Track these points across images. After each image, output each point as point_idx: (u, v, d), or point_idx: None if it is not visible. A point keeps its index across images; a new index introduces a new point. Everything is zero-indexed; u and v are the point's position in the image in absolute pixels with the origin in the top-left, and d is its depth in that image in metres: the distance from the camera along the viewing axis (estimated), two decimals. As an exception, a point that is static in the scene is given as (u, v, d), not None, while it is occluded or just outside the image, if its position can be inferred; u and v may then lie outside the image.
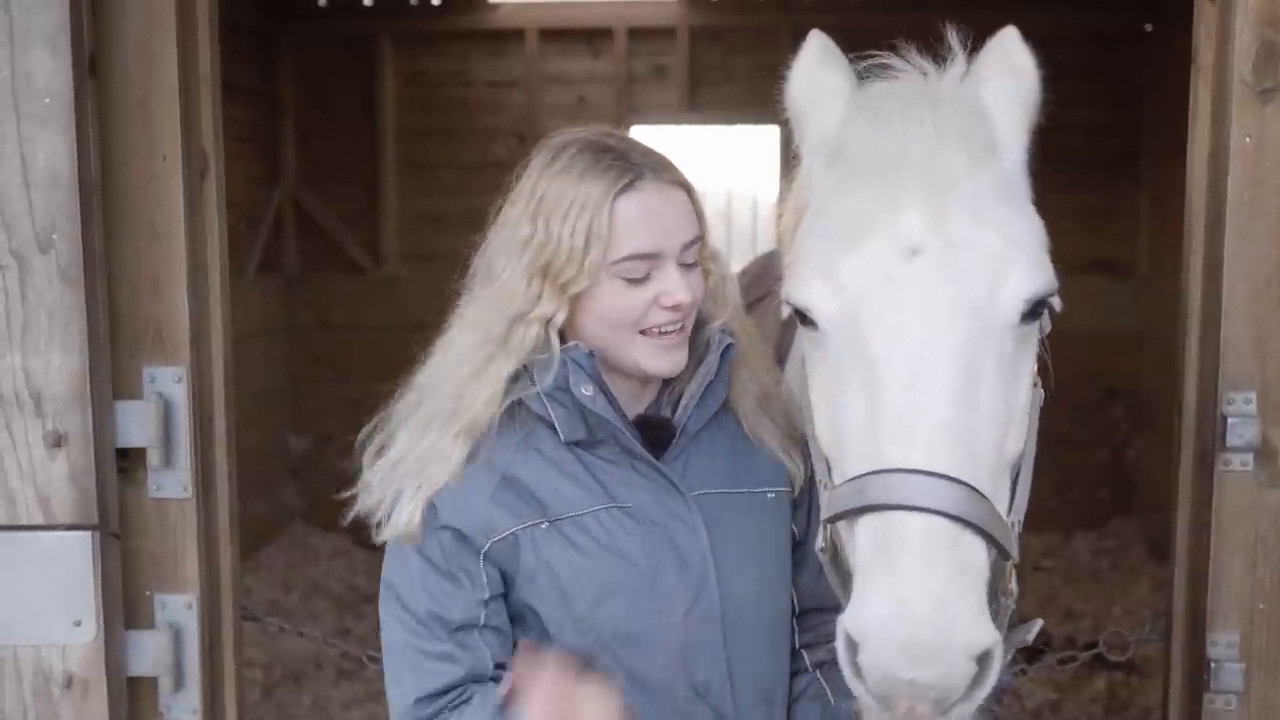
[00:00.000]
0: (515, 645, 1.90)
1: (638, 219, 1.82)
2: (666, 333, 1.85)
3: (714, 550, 1.87)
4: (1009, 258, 1.60)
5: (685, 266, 1.86)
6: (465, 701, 1.84)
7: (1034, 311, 1.63)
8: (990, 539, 1.50)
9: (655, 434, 1.91)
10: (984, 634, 1.43)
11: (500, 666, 1.86)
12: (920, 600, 1.41)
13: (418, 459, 1.86)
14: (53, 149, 2.16)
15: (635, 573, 1.84)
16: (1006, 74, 1.76)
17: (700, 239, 1.90)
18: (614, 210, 1.81)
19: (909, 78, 1.77)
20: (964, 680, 1.43)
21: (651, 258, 1.83)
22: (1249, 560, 2.28)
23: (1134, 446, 8.05)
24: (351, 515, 1.93)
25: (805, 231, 1.76)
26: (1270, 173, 2.22)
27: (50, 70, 2.15)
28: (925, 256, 1.58)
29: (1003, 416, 1.59)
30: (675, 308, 1.83)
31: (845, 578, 1.67)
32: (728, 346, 1.91)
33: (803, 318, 1.70)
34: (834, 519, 1.60)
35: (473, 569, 1.85)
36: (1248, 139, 2.21)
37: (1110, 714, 5.72)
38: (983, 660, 1.44)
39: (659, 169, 1.88)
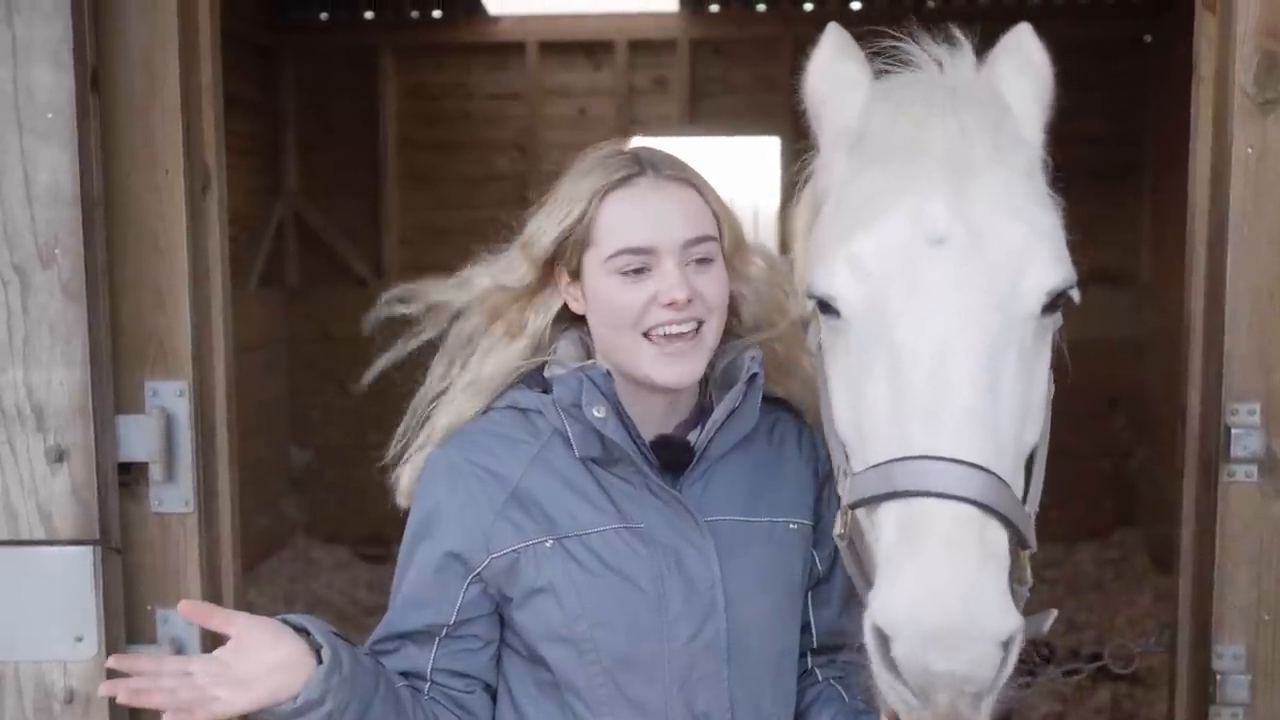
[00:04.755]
0: (500, 661, 1.91)
1: (629, 214, 1.83)
2: (672, 336, 1.81)
3: (725, 578, 1.84)
4: (1032, 249, 1.61)
5: (696, 265, 1.83)
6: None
7: (1054, 304, 1.63)
8: (1012, 527, 1.50)
9: (674, 455, 1.88)
10: (1010, 620, 1.43)
11: (469, 677, 1.88)
12: (949, 587, 1.40)
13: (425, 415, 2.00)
14: (55, 163, 2.16)
15: (639, 595, 1.81)
16: (1022, 69, 1.77)
17: (711, 239, 1.86)
18: (604, 205, 1.84)
19: (928, 70, 1.78)
20: (994, 668, 1.42)
21: (645, 253, 1.81)
22: (1254, 572, 2.27)
23: (1137, 456, 8.03)
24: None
25: (826, 218, 1.75)
26: (1272, 184, 2.22)
27: (53, 84, 2.15)
28: (950, 244, 1.58)
29: (1022, 407, 1.59)
30: (672, 305, 1.80)
31: (861, 566, 1.66)
32: (753, 376, 1.87)
33: (824, 306, 1.69)
34: (856, 505, 1.58)
35: (451, 596, 1.86)
36: (1249, 150, 2.21)
37: (1114, 726, 5.71)
38: (1006, 645, 1.43)
39: (663, 167, 1.87)
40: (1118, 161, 7.90)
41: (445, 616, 1.86)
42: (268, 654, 1.67)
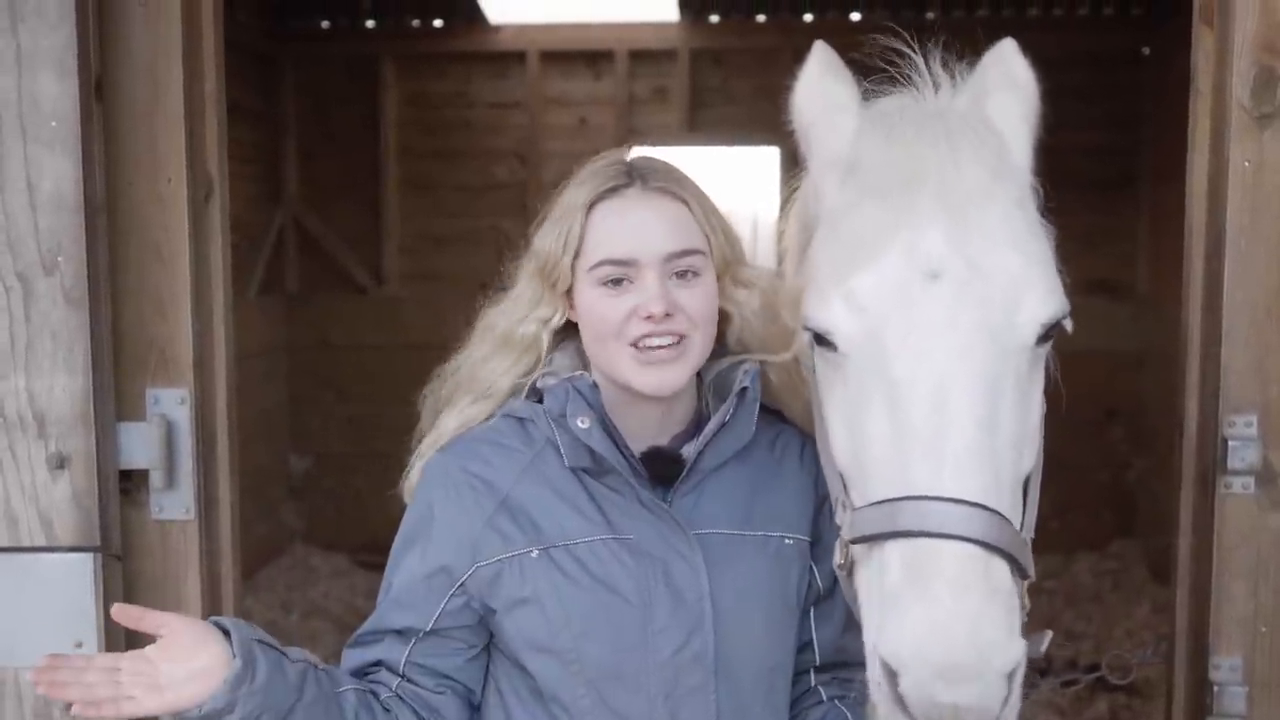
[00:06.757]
0: (491, 664, 1.92)
1: (612, 225, 1.84)
2: (654, 347, 1.81)
3: (714, 591, 1.82)
4: (1028, 280, 1.61)
5: (680, 278, 1.83)
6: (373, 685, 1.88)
7: (1047, 334, 1.64)
8: (1014, 561, 1.52)
9: (665, 467, 1.87)
10: (1014, 649, 1.46)
11: (442, 676, 1.89)
12: (956, 625, 1.43)
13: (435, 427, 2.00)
14: (59, 171, 2.18)
15: (624, 607, 1.81)
16: (1008, 87, 1.76)
17: (697, 252, 1.85)
18: (590, 215, 1.85)
19: (917, 93, 1.77)
20: (1000, 699, 1.45)
21: (625, 264, 1.81)
22: (1251, 584, 2.28)
23: (1135, 467, 8.03)
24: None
25: (820, 248, 1.74)
26: (1269, 197, 2.23)
27: (57, 93, 2.17)
28: (948, 278, 1.58)
29: (1018, 437, 1.60)
30: (651, 318, 1.79)
31: (857, 594, 1.67)
32: (743, 390, 1.86)
33: (819, 339, 1.68)
34: (858, 541, 1.59)
35: (433, 604, 1.87)
36: (1246, 164, 2.23)
37: (1112, 737, 5.70)
38: (1010, 676, 1.46)
39: (652, 178, 1.87)
40: (1116, 173, 7.91)
41: (424, 622, 1.87)
42: (190, 659, 1.67)
